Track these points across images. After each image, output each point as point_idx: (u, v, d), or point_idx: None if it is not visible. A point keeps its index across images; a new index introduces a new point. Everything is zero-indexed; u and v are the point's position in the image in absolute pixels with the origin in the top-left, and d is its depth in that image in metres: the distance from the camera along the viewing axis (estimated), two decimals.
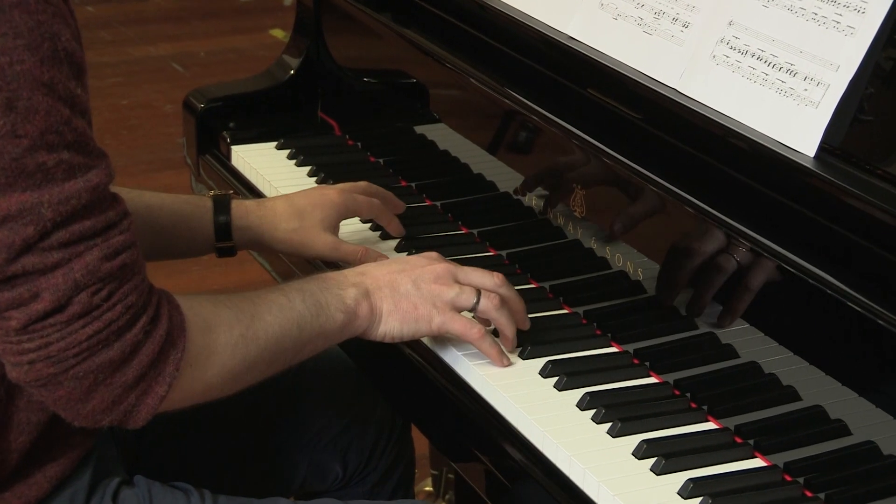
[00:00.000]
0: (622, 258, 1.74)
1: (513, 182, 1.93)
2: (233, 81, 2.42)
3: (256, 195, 2.15)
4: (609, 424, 1.55)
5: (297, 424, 1.89)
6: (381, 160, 2.23)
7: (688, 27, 1.72)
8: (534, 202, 1.89)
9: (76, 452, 1.55)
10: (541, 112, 1.85)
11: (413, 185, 2.14)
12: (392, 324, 1.62)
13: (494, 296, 1.64)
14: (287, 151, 2.26)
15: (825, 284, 1.44)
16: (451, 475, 2.51)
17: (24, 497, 1.51)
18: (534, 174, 1.90)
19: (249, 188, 2.19)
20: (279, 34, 5.73)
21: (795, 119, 1.56)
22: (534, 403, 1.59)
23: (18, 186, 1.30)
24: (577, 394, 1.60)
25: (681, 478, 1.47)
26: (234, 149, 2.28)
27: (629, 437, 1.53)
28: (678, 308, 1.66)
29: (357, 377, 1.94)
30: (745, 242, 1.53)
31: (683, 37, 1.72)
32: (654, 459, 1.49)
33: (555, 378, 1.63)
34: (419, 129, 2.16)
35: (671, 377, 1.64)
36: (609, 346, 1.72)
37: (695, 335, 1.63)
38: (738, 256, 1.55)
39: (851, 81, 1.53)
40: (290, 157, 2.24)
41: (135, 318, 1.38)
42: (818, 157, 1.53)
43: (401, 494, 1.98)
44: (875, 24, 1.53)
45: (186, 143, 2.38)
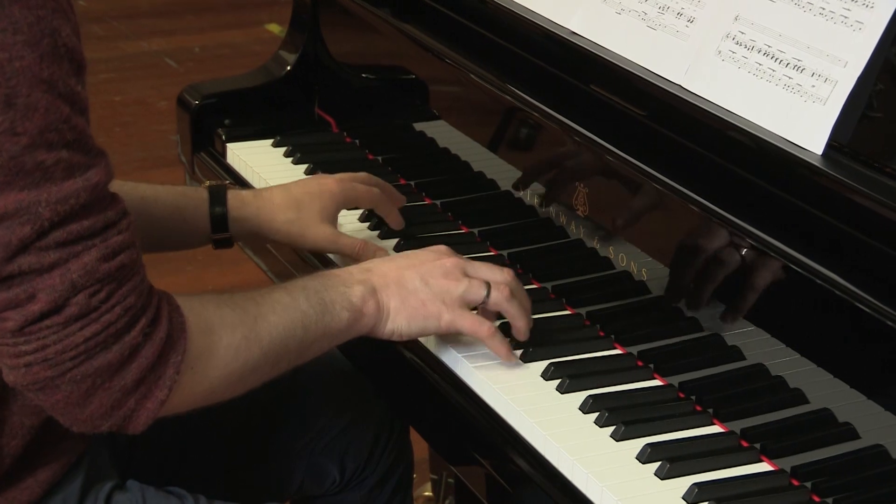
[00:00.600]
0: (626, 258, 1.74)
1: (514, 180, 1.93)
2: (228, 77, 2.42)
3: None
4: (612, 428, 1.55)
5: (294, 427, 1.89)
6: (380, 158, 2.23)
7: (693, 22, 1.72)
8: (535, 201, 1.89)
9: (68, 457, 1.55)
10: (542, 108, 1.85)
11: (412, 184, 2.15)
12: (400, 321, 1.62)
13: (505, 287, 1.64)
14: (284, 149, 2.26)
15: (833, 285, 1.44)
16: (451, 480, 2.51)
17: (16, 502, 1.51)
18: (535, 172, 1.90)
19: (245, 186, 2.19)
20: (275, 29, 5.73)
21: (803, 116, 1.56)
22: (536, 406, 1.59)
23: (16, 185, 1.30)
24: (580, 396, 1.61)
25: (686, 482, 1.47)
26: (230, 146, 2.28)
27: (633, 441, 1.53)
28: (683, 309, 1.66)
29: (355, 378, 1.94)
30: (751, 241, 1.53)
31: (688, 32, 1.72)
32: (659, 464, 1.49)
33: (557, 380, 1.64)
34: (418, 126, 2.16)
35: (676, 379, 1.64)
36: (612, 348, 1.72)
37: (700, 337, 1.63)
38: (744, 256, 1.55)
39: (860, 77, 1.53)
40: (287, 155, 2.24)
41: (134, 320, 1.37)
42: (826, 155, 1.53)
43: (399, 499, 1.98)
44: (884, 19, 1.53)
45: (181, 141, 2.38)
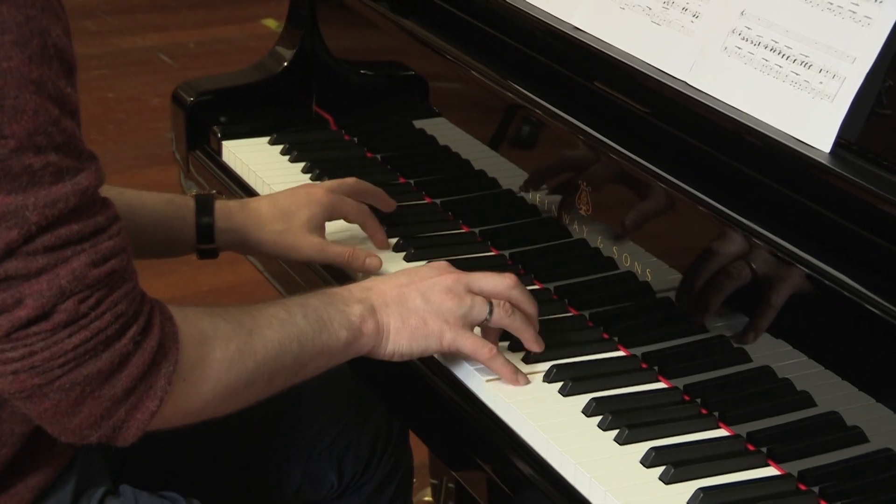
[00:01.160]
0: (630, 258, 1.74)
1: (516, 179, 1.94)
2: (224, 74, 2.42)
3: (249, 193, 2.15)
4: (616, 431, 1.55)
5: (291, 431, 1.89)
6: (379, 156, 2.23)
7: (698, 17, 1.72)
8: (538, 200, 1.89)
9: (59, 461, 1.55)
10: (545, 106, 1.85)
11: (412, 182, 2.15)
12: (401, 342, 1.62)
13: (506, 304, 1.64)
14: (280, 147, 2.26)
15: (841, 285, 1.44)
16: (452, 485, 2.51)
17: None
18: (538, 171, 1.90)
19: (241, 185, 2.19)
20: (272, 24, 5.73)
21: (810, 113, 1.56)
22: (538, 409, 1.59)
23: (3, 189, 1.30)
24: (583, 399, 1.61)
25: (691, 487, 1.47)
26: (226, 144, 2.28)
27: (637, 445, 1.53)
28: (688, 310, 1.66)
29: (353, 381, 1.94)
30: (757, 241, 1.54)
31: (693, 27, 1.72)
32: (663, 468, 1.49)
33: (560, 383, 1.64)
34: (418, 124, 2.16)
35: (681, 382, 1.64)
36: (616, 350, 1.72)
37: (705, 338, 1.63)
38: (750, 256, 1.55)
39: (868, 74, 1.53)
40: (284, 153, 2.24)
41: (124, 328, 1.37)
42: (834, 153, 1.53)
43: None
44: (893, 14, 1.53)
45: (175, 139, 2.38)
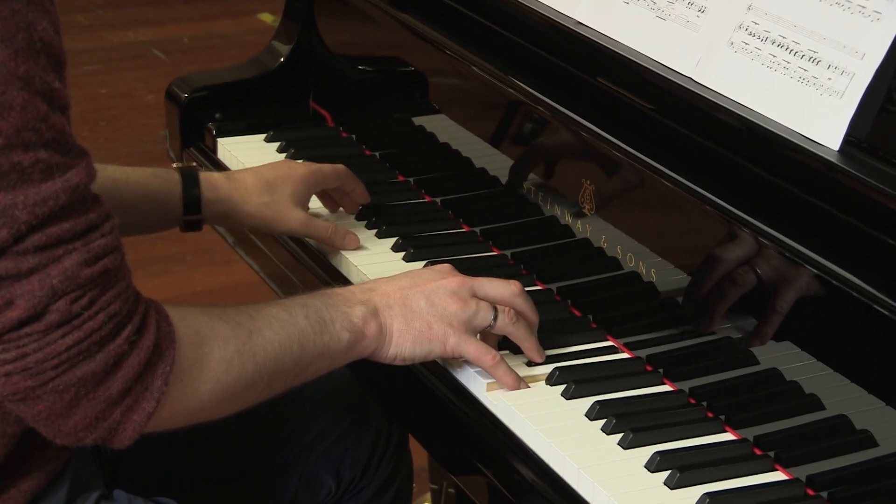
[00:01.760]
0: (634, 258, 1.74)
1: (517, 176, 1.94)
2: (218, 69, 2.42)
3: None
4: (620, 435, 1.55)
5: (288, 435, 1.89)
6: (377, 154, 2.24)
7: (704, 12, 1.72)
8: (540, 198, 1.90)
9: (52, 466, 1.55)
10: (547, 102, 1.85)
11: (411, 181, 2.15)
12: (404, 344, 1.62)
13: (511, 311, 1.65)
14: (277, 144, 2.26)
15: (850, 286, 1.45)
16: (452, 490, 2.51)
17: None
18: (540, 168, 1.91)
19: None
20: (268, 18, 5.73)
21: (818, 110, 1.56)
22: (540, 413, 1.60)
23: None
24: (587, 402, 1.61)
25: (696, 492, 1.47)
26: (221, 141, 2.28)
27: (641, 449, 1.54)
28: (694, 311, 1.66)
29: (352, 384, 1.94)
30: (764, 241, 1.54)
31: (699, 22, 1.72)
32: (668, 473, 1.49)
33: (562, 386, 1.64)
34: (418, 121, 2.16)
35: (686, 385, 1.65)
36: (620, 353, 1.72)
37: (711, 340, 1.63)
38: (757, 255, 1.55)
39: (878, 70, 1.54)
40: (280, 151, 2.25)
41: (119, 328, 1.37)
42: (842, 151, 1.54)
43: None
44: None
45: (169, 136, 2.38)
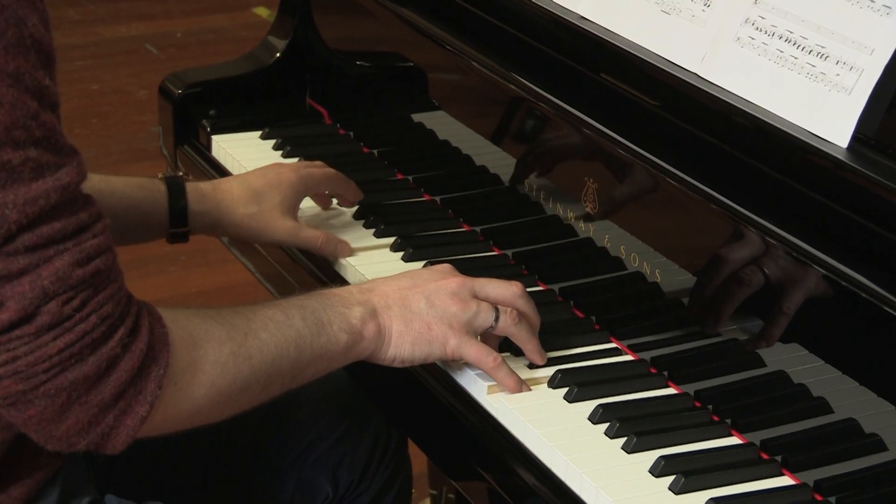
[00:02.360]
0: (638, 258, 1.74)
1: (519, 175, 1.94)
2: (213, 65, 2.42)
3: None
4: (624, 439, 1.55)
5: (284, 439, 1.89)
6: (375, 151, 2.24)
7: (710, 6, 1.72)
8: (542, 197, 1.90)
9: (43, 472, 1.55)
10: (549, 99, 1.85)
11: (410, 179, 2.15)
12: (403, 346, 1.62)
13: (513, 311, 1.65)
14: (273, 142, 2.26)
15: (858, 286, 1.45)
16: (452, 495, 2.52)
17: None
18: (542, 166, 1.91)
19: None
20: (263, 13, 5.73)
21: (827, 106, 1.56)
22: (542, 416, 1.60)
23: None
24: (589, 406, 1.61)
25: (701, 497, 1.47)
26: (215, 139, 2.28)
27: (645, 454, 1.54)
28: (699, 313, 1.66)
29: (350, 387, 1.94)
30: (771, 240, 1.54)
31: (705, 17, 1.72)
32: (673, 477, 1.50)
33: (565, 389, 1.64)
34: (417, 118, 2.16)
35: (691, 388, 1.65)
36: (624, 354, 1.72)
37: (717, 342, 1.63)
38: (763, 255, 1.55)
39: (887, 65, 1.54)
40: (276, 148, 2.25)
41: (111, 330, 1.37)
42: (851, 148, 1.54)
43: None
44: None
45: (163, 133, 2.38)
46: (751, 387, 1.59)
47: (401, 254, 1.94)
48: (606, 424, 1.58)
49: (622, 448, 1.55)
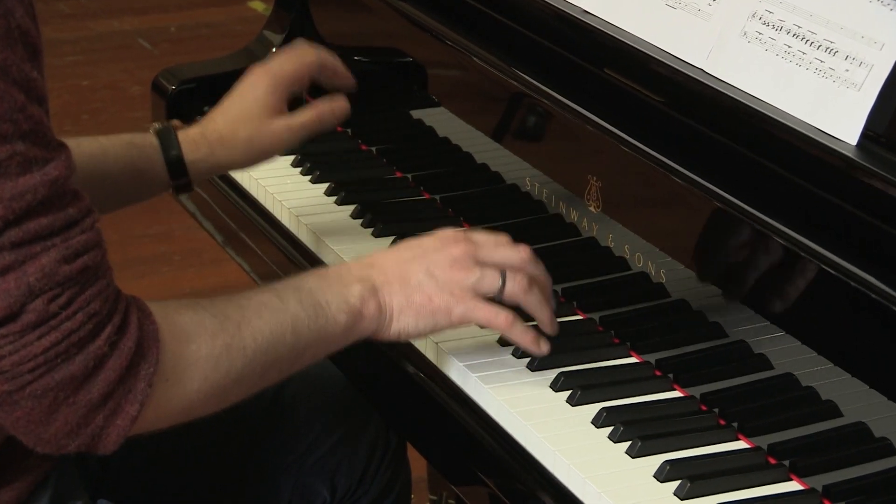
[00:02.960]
0: (643, 258, 1.74)
1: (521, 173, 1.94)
2: (208, 60, 2.42)
3: (234, 187, 2.16)
4: (628, 443, 1.55)
5: (280, 443, 1.89)
6: (374, 149, 2.24)
7: (716, 0, 1.72)
8: (544, 195, 1.89)
9: (34, 476, 1.55)
10: (552, 95, 1.85)
11: (409, 177, 2.15)
12: (406, 321, 1.61)
13: (522, 277, 1.63)
14: None
15: (869, 287, 1.45)
16: (452, 501, 2.52)
17: None
18: (544, 164, 1.90)
19: (226, 179, 2.19)
20: (259, 7, 5.74)
21: (836, 102, 1.56)
22: (544, 420, 1.60)
23: None
24: (593, 409, 1.61)
25: (708, 503, 1.47)
26: None
27: (650, 458, 1.53)
28: (705, 314, 1.66)
29: (348, 390, 1.94)
30: (779, 239, 1.54)
31: (711, 11, 1.72)
32: (679, 482, 1.49)
33: (568, 391, 1.64)
34: (416, 114, 2.16)
35: (697, 391, 1.64)
36: (628, 356, 1.72)
37: (724, 344, 1.63)
38: (771, 255, 1.55)
39: None
40: None
41: (98, 328, 1.36)
42: (861, 145, 1.54)
43: None
44: None
45: None
46: (758, 390, 1.59)
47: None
48: (610, 428, 1.58)
49: (626, 452, 1.54)
